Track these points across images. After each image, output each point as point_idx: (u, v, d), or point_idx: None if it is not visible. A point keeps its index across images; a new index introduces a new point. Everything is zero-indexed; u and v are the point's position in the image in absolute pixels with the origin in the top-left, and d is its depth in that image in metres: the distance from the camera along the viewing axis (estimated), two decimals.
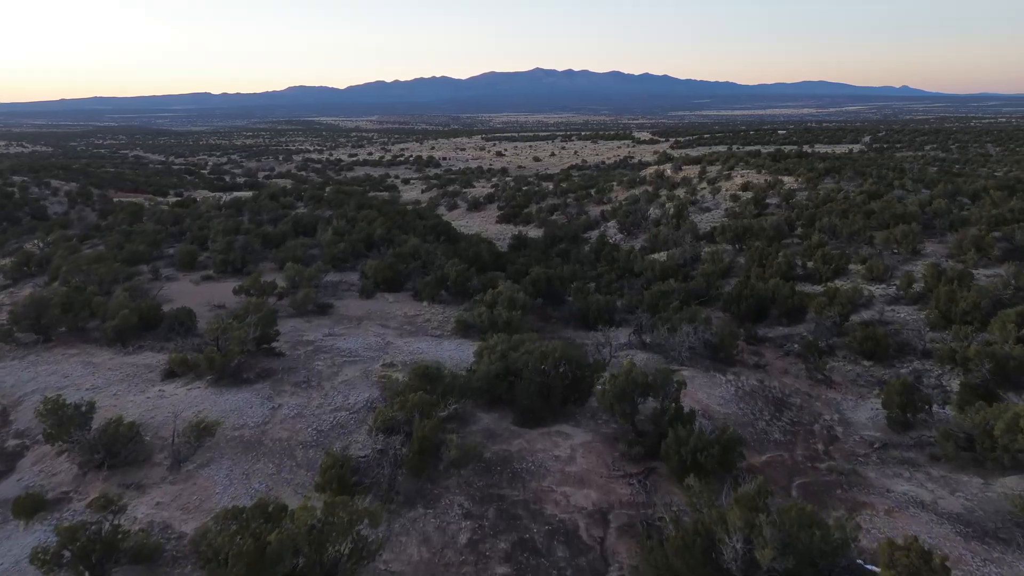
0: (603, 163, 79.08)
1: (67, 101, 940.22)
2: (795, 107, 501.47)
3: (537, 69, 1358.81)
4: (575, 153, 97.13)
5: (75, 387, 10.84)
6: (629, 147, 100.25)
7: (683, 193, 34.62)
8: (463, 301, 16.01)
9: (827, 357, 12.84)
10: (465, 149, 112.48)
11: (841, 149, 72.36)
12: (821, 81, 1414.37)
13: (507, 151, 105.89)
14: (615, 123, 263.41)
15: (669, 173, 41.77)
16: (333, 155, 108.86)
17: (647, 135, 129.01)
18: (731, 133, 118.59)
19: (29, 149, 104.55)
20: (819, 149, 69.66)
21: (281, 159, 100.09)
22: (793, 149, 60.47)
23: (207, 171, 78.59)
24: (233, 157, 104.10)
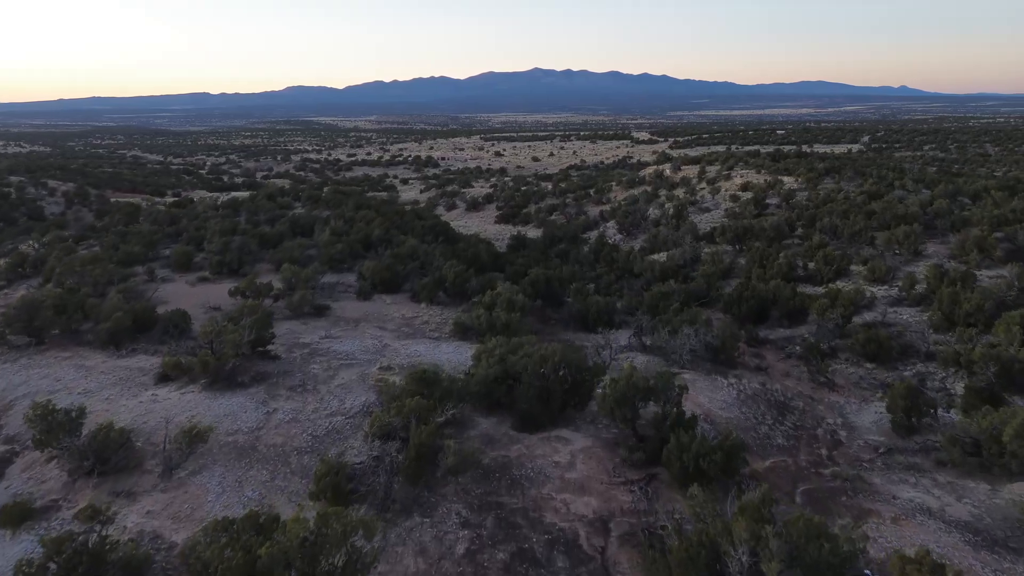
0: (602, 163, 78.89)
1: (66, 101, 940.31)
2: (794, 107, 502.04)
3: (536, 69, 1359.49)
4: (574, 153, 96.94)
5: (67, 391, 10.66)
6: (628, 147, 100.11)
7: (682, 193, 34.47)
8: (461, 302, 15.83)
9: (829, 359, 12.67)
10: (464, 149, 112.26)
11: (840, 149, 72.32)
12: (820, 81, 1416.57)
13: (506, 151, 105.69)
14: (614, 123, 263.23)
15: (668, 173, 41.62)
16: (331, 155, 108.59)
17: (646, 135, 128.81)
18: (730, 133, 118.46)
19: (27, 149, 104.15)
20: (818, 149, 69.61)
21: (279, 159, 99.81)
22: (792, 149, 60.38)
23: (205, 171, 78.22)
24: (231, 157, 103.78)
